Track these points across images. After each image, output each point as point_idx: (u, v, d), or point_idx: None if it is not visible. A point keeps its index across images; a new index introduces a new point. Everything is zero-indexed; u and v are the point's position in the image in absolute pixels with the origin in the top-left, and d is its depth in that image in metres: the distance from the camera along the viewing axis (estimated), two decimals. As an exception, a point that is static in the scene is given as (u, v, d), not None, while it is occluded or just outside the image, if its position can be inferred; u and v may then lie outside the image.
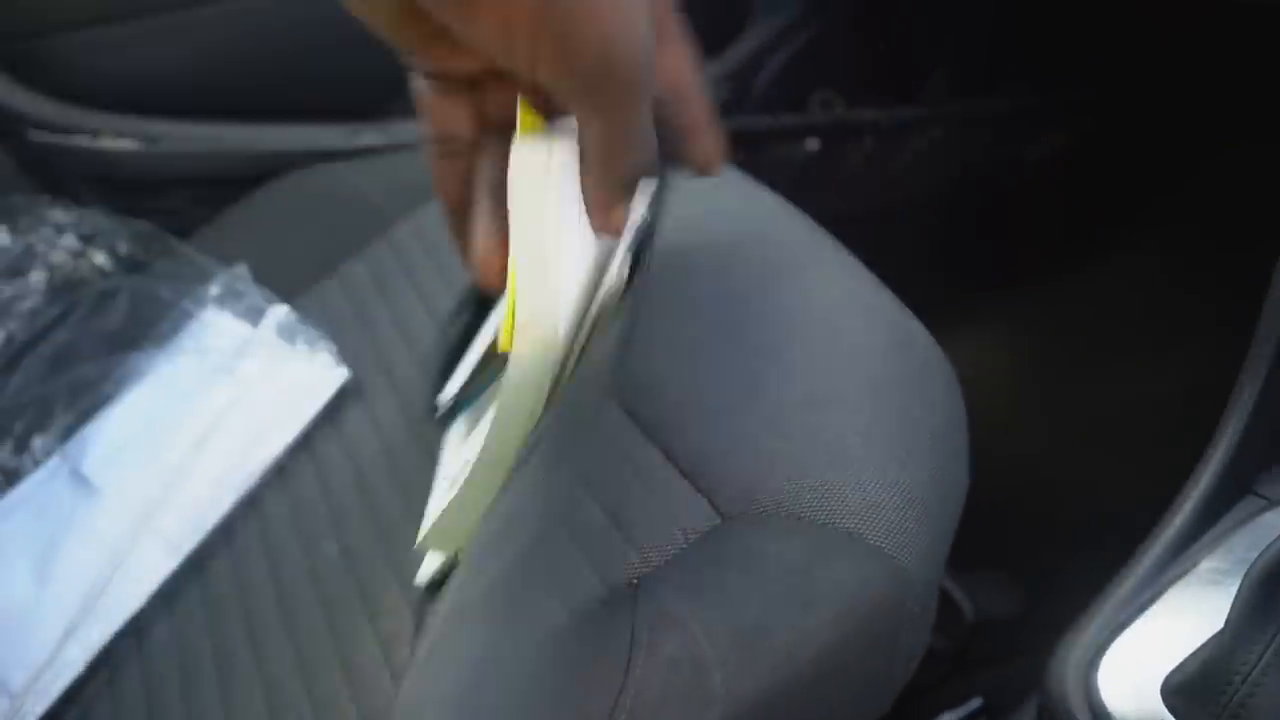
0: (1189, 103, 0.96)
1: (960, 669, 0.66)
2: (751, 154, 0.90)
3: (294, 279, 0.66)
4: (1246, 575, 0.37)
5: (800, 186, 0.95)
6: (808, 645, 0.38)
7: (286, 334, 0.60)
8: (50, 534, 0.53)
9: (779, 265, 0.52)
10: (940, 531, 0.45)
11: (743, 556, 0.41)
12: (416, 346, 0.58)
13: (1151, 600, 0.42)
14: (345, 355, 0.59)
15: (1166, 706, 0.38)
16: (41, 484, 0.55)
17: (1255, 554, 0.37)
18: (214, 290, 0.63)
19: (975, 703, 0.60)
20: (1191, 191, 0.97)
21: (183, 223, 0.76)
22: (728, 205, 0.57)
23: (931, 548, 0.43)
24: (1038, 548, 0.77)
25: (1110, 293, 0.93)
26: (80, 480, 0.55)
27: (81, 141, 0.71)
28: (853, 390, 0.46)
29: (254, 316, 0.61)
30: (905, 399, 0.46)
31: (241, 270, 0.65)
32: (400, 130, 0.79)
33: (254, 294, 0.62)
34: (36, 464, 0.56)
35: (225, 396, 0.57)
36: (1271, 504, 0.43)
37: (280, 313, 0.61)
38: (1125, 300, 0.92)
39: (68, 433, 0.57)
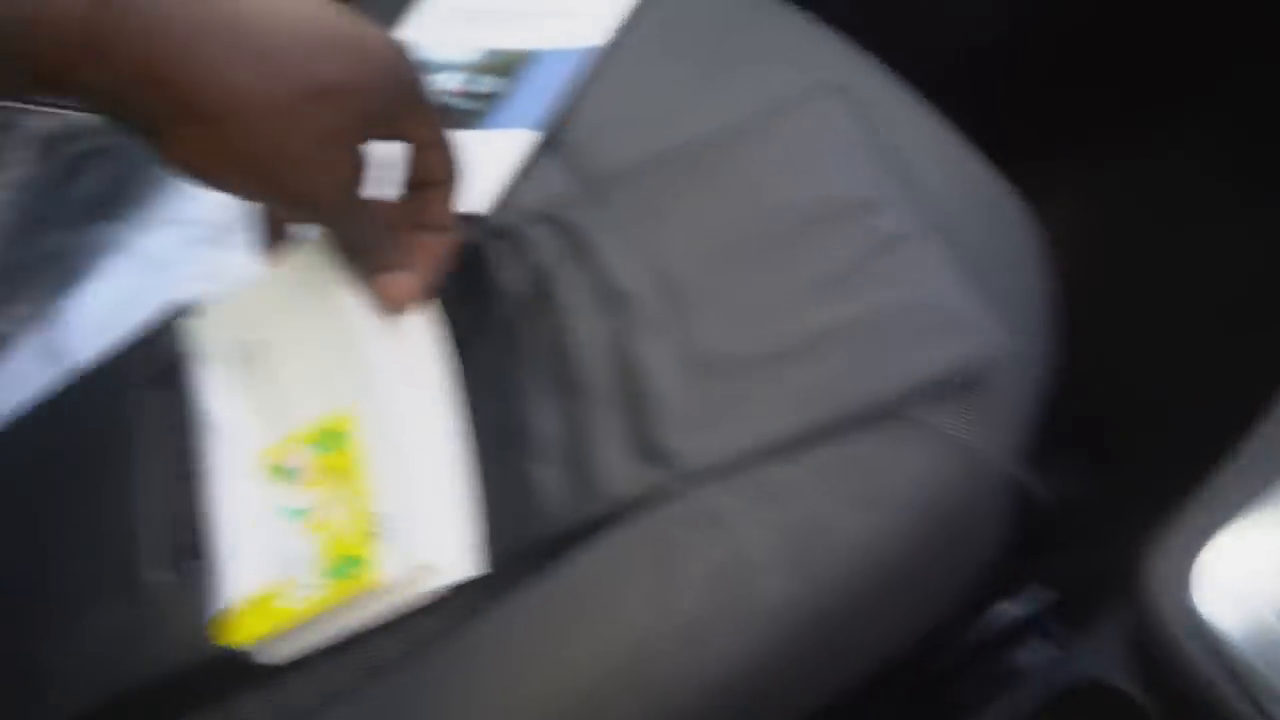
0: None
1: (1019, 554, 0.61)
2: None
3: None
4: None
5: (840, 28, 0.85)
6: (875, 547, 0.33)
7: None
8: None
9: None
10: (1020, 416, 0.39)
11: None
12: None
13: (1259, 493, 0.36)
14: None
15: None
16: (11, 359, 0.52)
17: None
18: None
19: (1045, 595, 0.55)
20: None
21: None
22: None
23: (1010, 435, 0.38)
24: (1102, 425, 0.71)
25: (1193, 149, 0.83)
26: (54, 358, 0.51)
27: None
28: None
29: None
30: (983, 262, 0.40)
31: None
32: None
33: None
34: (3, 337, 0.52)
35: (207, 274, 0.52)
36: None
37: None
38: (1210, 158, 0.82)
39: (38, 306, 0.53)
